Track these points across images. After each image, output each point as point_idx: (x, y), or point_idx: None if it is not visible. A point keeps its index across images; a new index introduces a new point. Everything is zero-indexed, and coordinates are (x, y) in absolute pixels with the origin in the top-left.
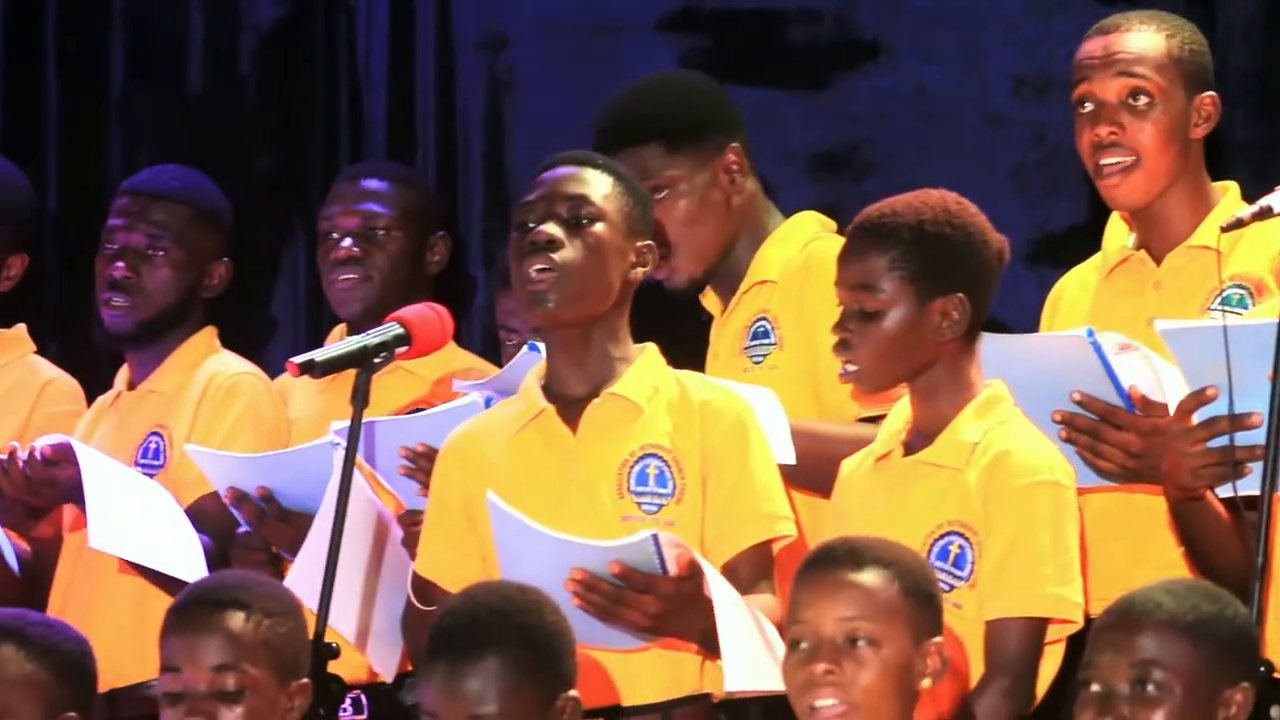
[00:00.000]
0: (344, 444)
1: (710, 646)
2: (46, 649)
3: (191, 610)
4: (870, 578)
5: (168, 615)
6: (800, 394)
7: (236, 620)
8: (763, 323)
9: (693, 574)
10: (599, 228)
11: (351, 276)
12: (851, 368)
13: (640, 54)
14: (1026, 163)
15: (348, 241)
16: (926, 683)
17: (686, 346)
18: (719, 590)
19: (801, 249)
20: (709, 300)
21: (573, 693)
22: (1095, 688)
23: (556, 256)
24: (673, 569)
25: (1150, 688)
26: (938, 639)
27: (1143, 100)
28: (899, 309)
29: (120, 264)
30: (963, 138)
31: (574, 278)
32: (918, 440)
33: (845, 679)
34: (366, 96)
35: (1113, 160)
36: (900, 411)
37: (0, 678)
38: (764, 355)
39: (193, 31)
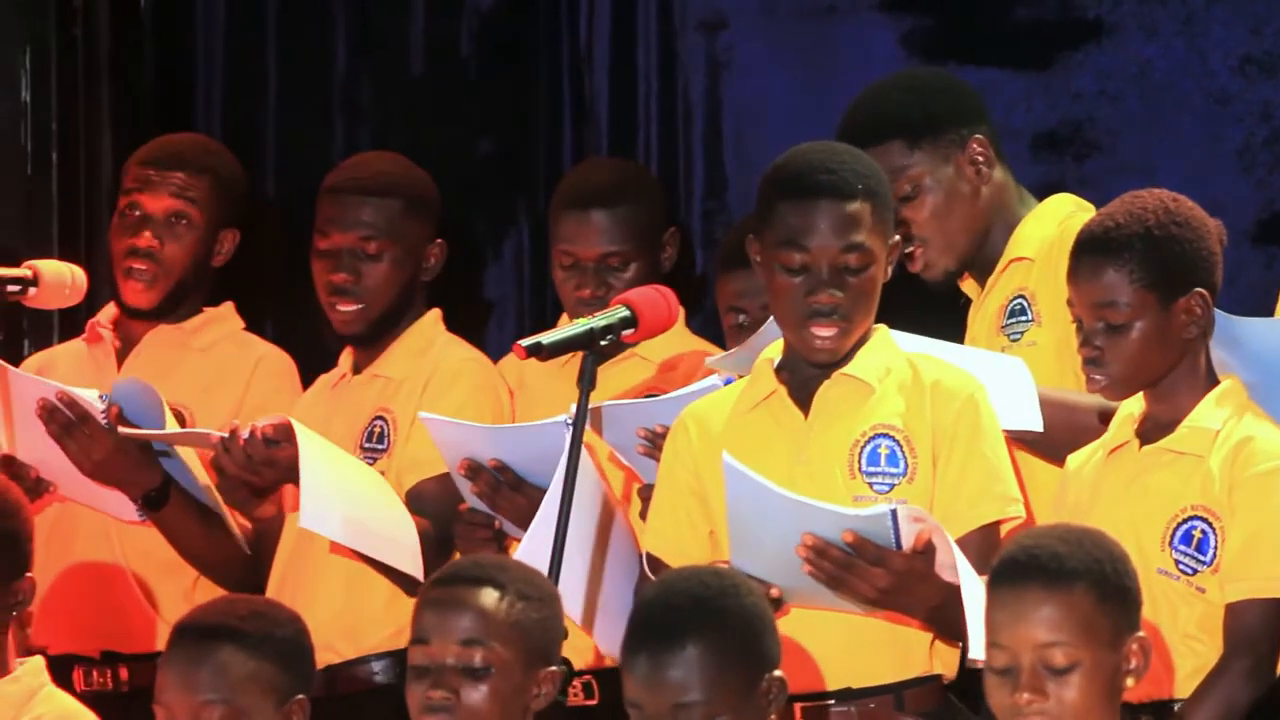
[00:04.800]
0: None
1: (936, 625)
2: (263, 640)
3: (447, 585)
4: (1063, 596)
5: (423, 590)
6: (1060, 370)
7: (490, 598)
8: (1020, 300)
9: (926, 551)
10: (872, 270)
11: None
12: (1101, 379)
13: (860, 34)
14: (1253, 141)
15: (590, 284)
16: (1131, 681)
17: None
18: (964, 566)
19: (1058, 226)
20: (967, 285)
21: (777, 673)
22: None
23: (839, 315)
24: (908, 545)
25: None
26: (1139, 634)
27: None
28: (1145, 319)
29: (339, 269)
30: (1186, 116)
31: (854, 325)
32: (1153, 430)
33: (1050, 705)
34: (588, 78)
35: None
36: (1132, 402)
37: (228, 682)
38: (1021, 332)
39: (414, 14)
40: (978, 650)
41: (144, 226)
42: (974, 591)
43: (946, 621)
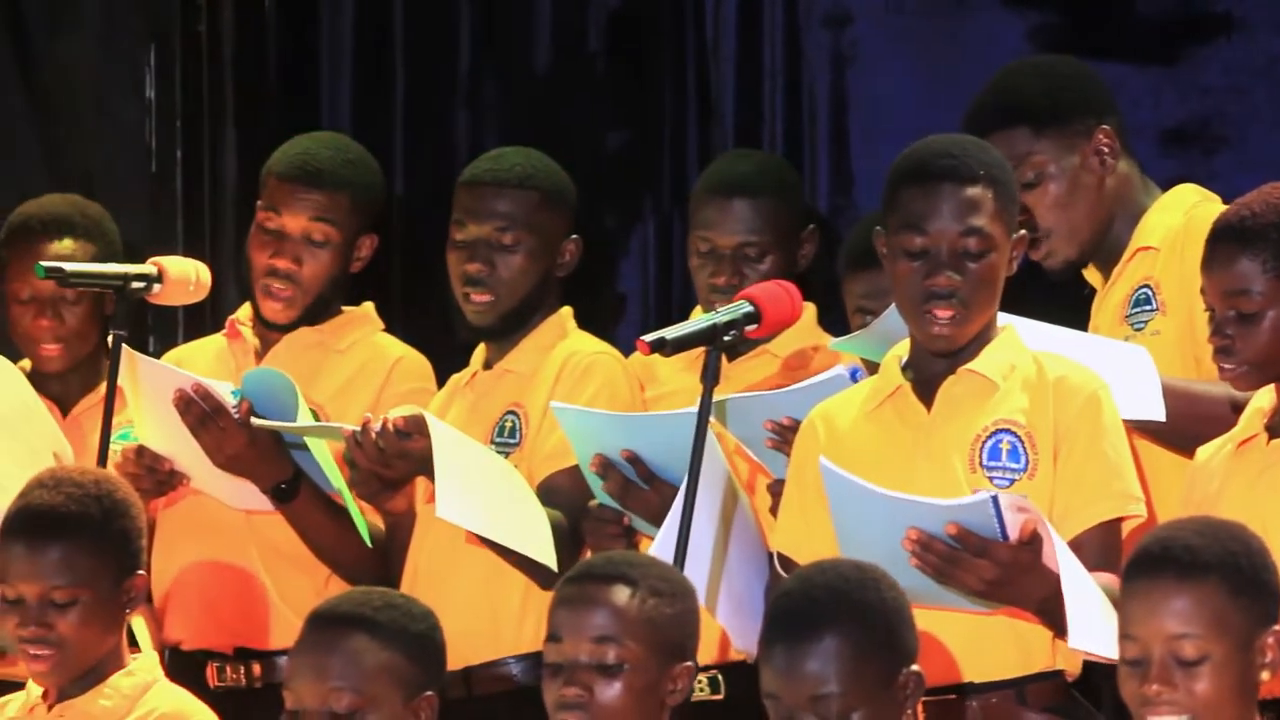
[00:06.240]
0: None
1: (1048, 617)
2: (397, 632)
3: (580, 583)
4: (1195, 589)
5: (558, 587)
6: (1184, 359)
7: (622, 595)
8: (1145, 290)
9: (1033, 541)
10: (992, 257)
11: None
12: (1231, 368)
13: (987, 30)
14: None
15: (726, 272)
16: (1266, 675)
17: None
18: (1064, 553)
19: (1184, 215)
20: (1091, 275)
21: (914, 667)
22: None
23: (958, 299)
24: (1013, 535)
25: None
26: (1276, 628)
27: None
28: (1277, 309)
29: (474, 259)
30: None
31: (972, 311)
32: None
33: (1181, 697)
34: (714, 74)
35: None
36: (1262, 395)
37: (359, 671)
38: (1145, 322)
39: (540, 10)
40: (1078, 640)
41: (282, 244)
42: (1074, 578)
43: (1059, 614)
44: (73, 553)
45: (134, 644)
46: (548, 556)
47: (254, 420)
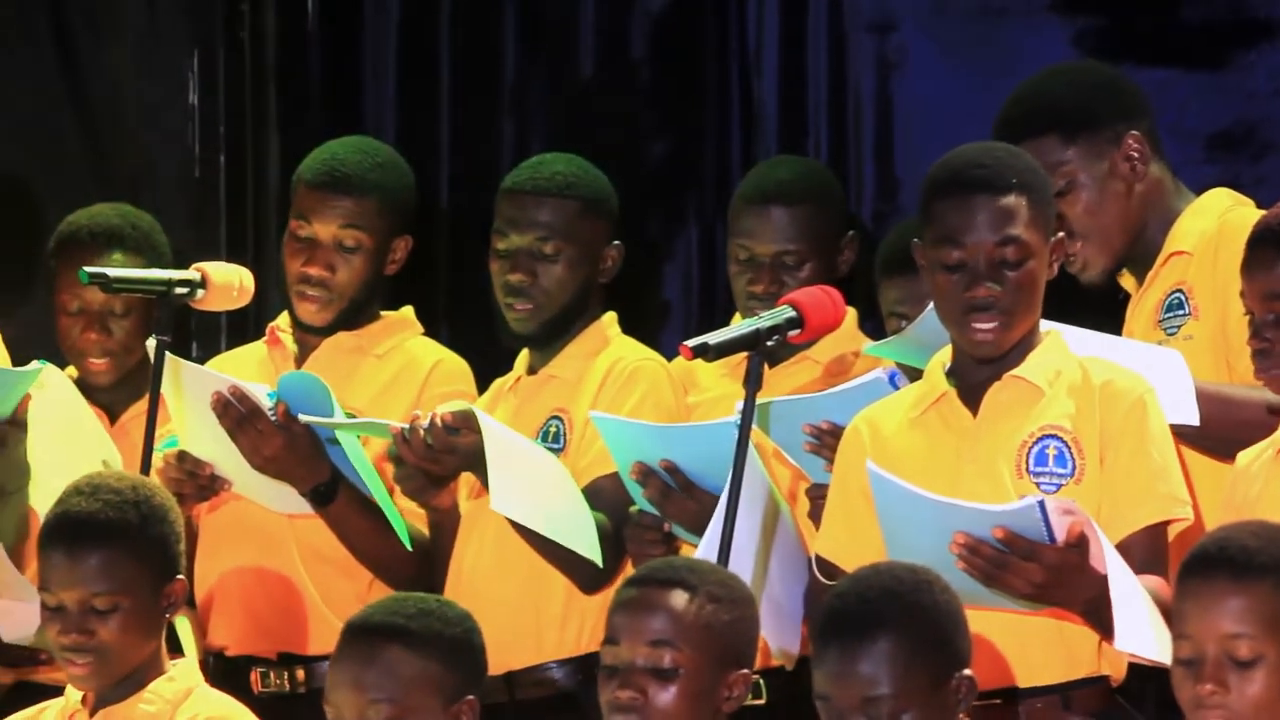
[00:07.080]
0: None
1: (1094, 619)
2: (432, 639)
3: (639, 586)
4: (1251, 589)
5: (617, 591)
6: (1216, 364)
7: (680, 599)
8: (1178, 295)
9: (1080, 544)
10: (1031, 264)
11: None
12: (1270, 371)
13: (1032, 35)
14: None
15: (764, 280)
16: None
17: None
18: (1112, 556)
19: (1217, 220)
20: (1126, 280)
21: (967, 672)
22: None
23: (999, 309)
24: (1060, 537)
25: None
26: None
27: None
28: None
29: (516, 269)
30: None
31: (1014, 319)
32: None
33: (1232, 699)
34: (757, 79)
35: None
36: None
37: (396, 681)
38: (1178, 326)
39: (584, 16)
40: (1124, 642)
41: (314, 252)
42: (1121, 580)
43: (1105, 615)
44: (112, 559)
45: (175, 650)
46: (594, 553)
47: (302, 417)
